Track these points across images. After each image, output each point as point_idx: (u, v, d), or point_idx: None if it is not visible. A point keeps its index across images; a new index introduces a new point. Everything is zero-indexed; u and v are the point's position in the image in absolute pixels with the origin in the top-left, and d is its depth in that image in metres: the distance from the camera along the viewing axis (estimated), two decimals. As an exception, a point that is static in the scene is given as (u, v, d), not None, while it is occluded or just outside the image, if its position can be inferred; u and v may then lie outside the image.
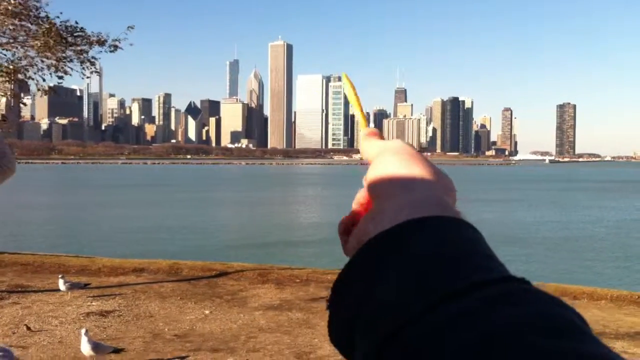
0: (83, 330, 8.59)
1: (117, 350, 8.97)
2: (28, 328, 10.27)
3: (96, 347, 8.48)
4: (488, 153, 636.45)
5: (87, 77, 15.51)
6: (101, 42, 14.89)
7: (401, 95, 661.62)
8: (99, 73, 16.09)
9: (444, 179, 0.62)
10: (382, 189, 0.60)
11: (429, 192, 0.58)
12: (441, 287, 0.47)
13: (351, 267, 0.54)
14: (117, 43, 14.96)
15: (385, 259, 0.52)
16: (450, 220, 0.55)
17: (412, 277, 0.49)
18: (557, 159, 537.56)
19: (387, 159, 0.62)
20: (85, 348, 8.37)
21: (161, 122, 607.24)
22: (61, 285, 12.22)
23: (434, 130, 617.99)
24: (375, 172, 0.62)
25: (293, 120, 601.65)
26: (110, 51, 15.03)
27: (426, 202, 0.56)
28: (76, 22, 14.75)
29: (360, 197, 0.66)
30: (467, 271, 0.49)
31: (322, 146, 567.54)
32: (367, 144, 0.68)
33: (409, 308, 0.46)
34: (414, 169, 0.60)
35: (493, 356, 0.41)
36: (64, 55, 14.43)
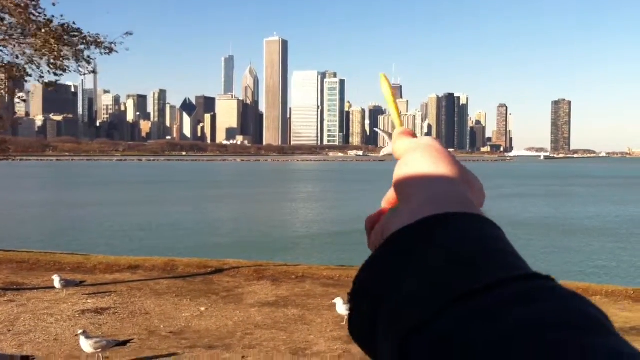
0: (80, 331, 8.59)
1: (122, 343, 8.96)
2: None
3: (97, 342, 8.47)
4: (483, 149, 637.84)
5: (84, 74, 15.63)
6: (98, 44, 15.09)
7: (396, 91, 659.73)
8: (95, 72, 16.22)
9: (470, 177, 0.63)
10: (406, 185, 0.61)
11: (452, 189, 0.59)
12: (465, 284, 0.47)
13: (373, 261, 0.54)
14: (112, 46, 15.19)
15: (407, 254, 0.52)
16: (472, 216, 0.55)
17: (434, 273, 0.49)
18: (552, 155, 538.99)
19: (413, 156, 0.64)
20: (85, 345, 8.36)
21: (156, 119, 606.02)
22: (56, 282, 12.21)
23: (430, 126, 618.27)
24: (400, 169, 0.64)
25: (288, 116, 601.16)
26: (106, 53, 15.25)
27: (448, 198, 0.57)
28: (74, 23, 14.92)
29: (390, 196, 0.67)
30: (491, 268, 0.49)
31: (317, 143, 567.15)
32: (399, 143, 0.69)
33: (432, 303, 0.47)
34: (439, 166, 0.61)
35: (518, 351, 0.41)
36: (61, 54, 14.56)
